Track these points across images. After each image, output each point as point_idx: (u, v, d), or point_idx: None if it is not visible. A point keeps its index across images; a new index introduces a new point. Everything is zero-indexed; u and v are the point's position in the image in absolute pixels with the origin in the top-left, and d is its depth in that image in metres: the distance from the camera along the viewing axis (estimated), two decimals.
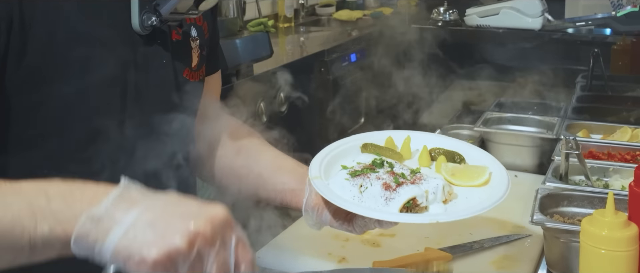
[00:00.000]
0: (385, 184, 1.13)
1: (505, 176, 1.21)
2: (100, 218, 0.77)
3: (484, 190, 1.20)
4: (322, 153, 1.26)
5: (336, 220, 1.19)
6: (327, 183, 1.17)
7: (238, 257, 0.80)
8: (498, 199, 1.14)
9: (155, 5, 1.08)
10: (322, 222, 1.21)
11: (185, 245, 0.75)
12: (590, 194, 1.51)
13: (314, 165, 1.21)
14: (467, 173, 1.24)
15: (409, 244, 1.48)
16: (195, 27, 1.20)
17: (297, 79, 3.22)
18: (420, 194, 1.12)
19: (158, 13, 1.08)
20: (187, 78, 1.19)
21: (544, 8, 2.67)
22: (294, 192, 1.25)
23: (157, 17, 1.08)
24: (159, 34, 1.11)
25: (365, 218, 1.15)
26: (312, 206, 1.21)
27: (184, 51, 1.18)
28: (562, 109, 2.25)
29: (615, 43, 2.85)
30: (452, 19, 2.85)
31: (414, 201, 1.11)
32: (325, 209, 1.19)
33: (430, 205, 1.13)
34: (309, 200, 1.21)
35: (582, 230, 1.20)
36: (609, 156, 1.83)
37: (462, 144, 1.33)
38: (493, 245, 1.51)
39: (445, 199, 1.15)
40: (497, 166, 1.25)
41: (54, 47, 0.99)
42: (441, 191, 1.14)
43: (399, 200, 1.10)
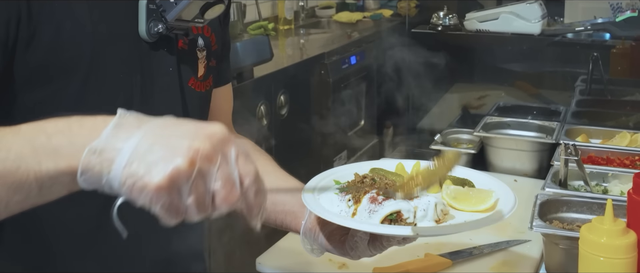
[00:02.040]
0: (372, 198, 1.08)
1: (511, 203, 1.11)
2: (102, 150, 0.76)
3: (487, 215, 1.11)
4: (325, 173, 1.22)
5: (330, 242, 1.15)
6: (318, 198, 1.13)
7: (240, 171, 0.78)
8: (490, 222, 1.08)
9: (162, 11, 1.08)
10: (319, 246, 1.18)
11: (186, 163, 0.74)
12: (589, 200, 1.52)
13: (312, 182, 1.18)
14: (470, 197, 1.16)
15: (409, 250, 1.48)
16: (203, 38, 1.20)
17: (297, 82, 3.23)
18: (408, 209, 1.06)
19: (165, 20, 1.08)
20: (192, 87, 1.18)
21: (543, 13, 2.67)
22: (294, 214, 1.21)
23: (163, 24, 1.08)
24: (165, 42, 1.11)
25: (356, 238, 1.11)
26: (310, 228, 1.17)
27: (190, 60, 1.18)
28: (561, 113, 2.25)
29: (615, 47, 2.86)
30: (452, 24, 2.86)
31: (399, 215, 1.05)
32: (320, 232, 1.16)
33: (418, 223, 1.06)
34: (307, 222, 1.18)
35: (581, 238, 1.20)
36: (608, 161, 1.83)
37: (474, 173, 1.25)
38: (493, 251, 1.51)
39: (438, 219, 1.08)
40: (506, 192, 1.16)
41: (60, 47, 0.99)
42: (433, 209, 1.07)
43: (381, 212, 1.06)
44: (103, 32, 1.03)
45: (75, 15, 1.01)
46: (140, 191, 0.74)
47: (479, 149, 2.06)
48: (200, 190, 0.75)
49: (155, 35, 1.08)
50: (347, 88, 3.54)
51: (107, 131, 0.77)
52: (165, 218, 0.75)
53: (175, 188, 0.74)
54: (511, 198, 1.14)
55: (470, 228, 1.08)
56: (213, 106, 1.28)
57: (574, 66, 2.79)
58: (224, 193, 0.76)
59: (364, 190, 1.10)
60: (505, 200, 1.14)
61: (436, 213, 1.08)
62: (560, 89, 2.67)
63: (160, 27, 1.08)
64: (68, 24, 1.00)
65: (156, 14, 1.08)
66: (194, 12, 1.10)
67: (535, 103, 2.42)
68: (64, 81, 1.01)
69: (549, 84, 2.74)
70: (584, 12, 3.45)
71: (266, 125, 2.94)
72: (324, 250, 1.19)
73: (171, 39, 1.12)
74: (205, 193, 0.75)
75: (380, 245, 1.12)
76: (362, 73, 3.71)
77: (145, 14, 1.07)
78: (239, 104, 2.80)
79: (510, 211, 1.09)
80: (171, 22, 1.08)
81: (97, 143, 0.76)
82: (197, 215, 0.76)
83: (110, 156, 0.75)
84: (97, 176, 0.76)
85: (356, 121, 3.75)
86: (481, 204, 1.15)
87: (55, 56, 1.00)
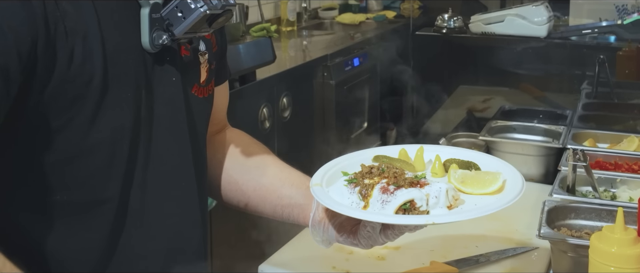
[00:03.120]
0: (383, 188, 1.08)
1: (520, 183, 1.12)
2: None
3: (497, 198, 1.11)
4: (330, 164, 1.21)
5: (341, 233, 1.15)
6: (327, 191, 1.12)
7: None
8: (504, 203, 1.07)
9: (168, 25, 1.04)
10: (328, 238, 1.17)
11: None
12: (598, 207, 1.49)
13: (318, 174, 1.16)
14: (478, 180, 1.15)
15: (414, 257, 1.46)
16: (204, 41, 1.16)
17: (299, 84, 3.21)
18: (420, 197, 1.06)
19: (171, 33, 1.04)
20: (195, 94, 1.15)
21: (549, 15, 2.64)
22: (301, 207, 1.21)
23: (168, 36, 1.03)
24: (168, 52, 1.07)
25: (368, 228, 1.11)
26: (319, 220, 1.17)
27: (193, 67, 1.14)
28: (567, 116, 2.23)
29: (621, 49, 2.83)
30: (457, 26, 2.83)
31: (412, 204, 1.06)
32: (330, 223, 1.15)
33: (431, 210, 1.07)
34: (315, 214, 1.17)
35: (592, 247, 1.18)
36: (616, 166, 1.80)
37: (478, 155, 1.25)
38: (499, 259, 1.49)
39: (449, 204, 1.08)
40: (513, 173, 1.16)
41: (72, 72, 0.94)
42: (444, 195, 1.07)
43: (395, 203, 1.05)
44: (111, 49, 0.98)
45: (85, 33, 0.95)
46: None
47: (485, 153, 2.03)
48: None
49: (158, 46, 1.03)
50: (350, 90, 3.52)
51: None
52: None
53: None
54: (518, 178, 1.14)
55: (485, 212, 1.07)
56: None
57: (579, 69, 2.76)
58: None
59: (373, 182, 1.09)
60: (513, 180, 1.14)
61: (448, 199, 1.08)
62: (566, 92, 2.64)
63: (164, 39, 1.03)
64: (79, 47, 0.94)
65: (160, 23, 1.03)
66: (201, 25, 1.06)
67: (540, 106, 2.39)
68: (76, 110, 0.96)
69: (554, 87, 2.72)
70: (588, 13, 3.43)
71: (268, 128, 2.93)
72: (334, 241, 1.18)
73: (174, 48, 1.08)
74: None
75: (392, 234, 1.11)
76: (365, 75, 3.70)
77: (148, 24, 1.02)
78: (241, 107, 2.81)
79: (520, 192, 1.09)
80: (179, 35, 1.04)
81: None
82: None
83: None
84: None
85: (359, 123, 3.73)
86: (490, 186, 1.14)
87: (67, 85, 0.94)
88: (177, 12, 1.03)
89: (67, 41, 0.93)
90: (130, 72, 1.02)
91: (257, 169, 1.27)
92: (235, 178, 1.28)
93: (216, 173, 1.29)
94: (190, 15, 1.02)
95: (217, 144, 1.30)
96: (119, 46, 1.00)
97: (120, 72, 1.00)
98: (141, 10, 1.02)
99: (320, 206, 1.15)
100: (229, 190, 1.29)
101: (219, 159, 1.29)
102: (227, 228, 2.53)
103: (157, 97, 1.07)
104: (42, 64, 0.91)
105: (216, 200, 1.33)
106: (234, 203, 1.30)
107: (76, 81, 0.94)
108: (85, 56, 0.95)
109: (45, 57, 0.91)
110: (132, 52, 1.02)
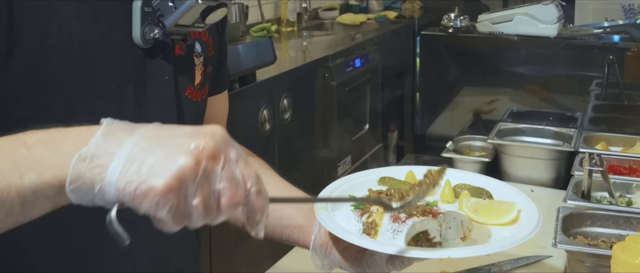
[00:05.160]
0: (394, 216, 1.02)
1: (536, 215, 1.07)
2: (92, 156, 0.70)
3: (510, 229, 1.06)
4: (334, 184, 1.15)
5: (345, 259, 1.08)
6: (333, 215, 1.06)
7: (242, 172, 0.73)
8: (522, 238, 1.02)
9: (159, 16, 1.00)
10: (330, 262, 1.10)
11: (192, 162, 0.69)
12: (615, 213, 1.43)
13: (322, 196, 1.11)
14: (492, 210, 1.10)
15: (424, 267, 1.39)
16: (200, 43, 1.12)
17: (300, 85, 3.16)
18: (434, 228, 1.00)
19: (162, 25, 0.99)
20: (189, 97, 1.10)
21: (559, 14, 2.58)
22: (302, 228, 1.14)
23: (160, 30, 1.00)
24: (161, 48, 1.03)
25: (375, 256, 1.04)
26: (321, 244, 1.10)
27: (187, 67, 1.10)
28: (578, 119, 2.17)
29: (629, 49, 2.76)
30: (464, 26, 2.76)
31: (425, 235, 1.00)
32: (333, 247, 1.08)
33: (444, 242, 1.01)
34: (317, 237, 1.10)
35: (614, 257, 1.12)
36: (630, 170, 1.74)
37: (489, 181, 1.20)
38: (513, 268, 1.43)
39: (463, 236, 1.03)
40: (527, 202, 1.12)
41: (45, 56, 0.91)
42: (459, 226, 1.02)
43: (408, 233, 1.00)
44: (93, 38, 0.95)
45: (62, 19, 0.92)
46: (144, 196, 0.68)
47: (493, 157, 1.97)
48: (205, 191, 0.70)
49: (150, 41, 0.99)
50: (351, 92, 3.47)
51: (96, 138, 0.71)
52: (169, 224, 0.70)
53: (182, 189, 0.68)
54: (534, 209, 1.09)
55: (502, 248, 1.02)
56: (208, 114, 1.20)
57: (587, 70, 2.70)
58: (230, 193, 0.71)
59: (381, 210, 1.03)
60: (528, 210, 1.09)
61: (462, 230, 1.03)
62: (574, 94, 2.58)
63: (156, 33, 0.99)
64: (54, 29, 0.91)
65: (152, 17, 0.99)
66: (194, 17, 1.01)
67: (549, 108, 2.33)
68: (50, 95, 0.93)
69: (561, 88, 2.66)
70: (594, 13, 3.38)
71: (269, 130, 2.88)
72: (335, 266, 1.11)
73: (167, 44, 1.04)
74: (210, 193, 0.71)
75: (400, 263, 1.05)
76: (367, 76, 3.65)
77: (140, 17, 0.98)
78: (241, 108, 2.76)
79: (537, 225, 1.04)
80: (169, 27, 1.00)
81: (86, 149, 0.70)
82: (202, 218, 0.71)
83: (102, 162, 0.69)
84: (88, 185, 0.70)
85: (360, 125, 3.69)
86: (504, 216, 1.10)
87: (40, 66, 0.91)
88: (169, 2, 1.00)
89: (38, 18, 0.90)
90: (116, 64, 0.98)
91: None
92: None
93: None
94: (181, 5, 0.99)
95: None
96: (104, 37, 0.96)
97: (103, 62, 0.96)
98: (133, 3, 0.99)
99: (322, 229, 1.09)
100: None
101: None
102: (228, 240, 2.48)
103: (146, 95, 1.03)
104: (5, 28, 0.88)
105: None
106: (232, 221, 1.24)
107: (51, 63, 0.91)
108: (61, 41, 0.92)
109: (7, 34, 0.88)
110: (119, 44, 0.99)
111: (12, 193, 0.70)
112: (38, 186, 0.70)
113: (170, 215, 0.69)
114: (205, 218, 0.71)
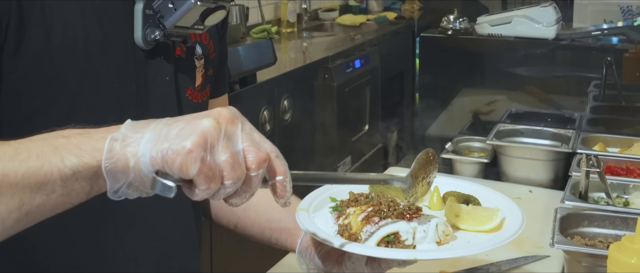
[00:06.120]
0: (366, 217, 1.02)
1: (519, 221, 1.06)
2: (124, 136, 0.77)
3: (491, 236, 1.05)
4: (322, 188, 1.16)
5: (326, 264, 1.09)
6: (313, 217, 1.07)
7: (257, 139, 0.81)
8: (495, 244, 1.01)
9: (160, 18, 1.01)
10: (315, 266, 1.12)
11: (214, 122, 0.76)
12: (613, 214, 1.45)
13: (307, 199, 1.12)
14: (474, 217, 1.09)
15: (423, 267, 1.41)
16: (201, 46, 1.14)
17: (300, 87, 3.17)
18: (406, 230, 1.00)
19: (162, 27, 1.01)
20: (190, 98, 1.12)
21: (558, 16, 2.59)
22: (289, 232, 1.17)
23: (161, 31, 1.02)
24: (161, 49, 1.05)
25: (352, 259, 1.05)
26: (305, 247, 1.12)
27: (188, 69, 1.12)
28: (576, 120, 2.18)
29: (627, 50, 2.78)
30: (463, 27, 2.78)
31: (396, 237, 1.00)
32: (315, 252, 1.10)
33: (418, 244, 1.01)
34: (303, 241, 1.12)
35: (610, 258, 1.13)
36: (627, 171, 1.76)
37: (479, 188, 1.20)
38: (511, 268, 1.44)
39: (439, 240, 1.02)
40: (513, 210, 1.11)
41: (50, 54, 0.94)
42: (434, 230, 1.01)
43: (378, 234, 1.00)
44: (96, 39, 0.97)
45: (67, 19, 0.95)
46: (176, 155, 0.74)
47: (492, 158, 1.98)
48: (231, 148, 0.76)
49: (151, 42, 1.02)
50: (351, 92, 3.48)
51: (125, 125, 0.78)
52: (202, 185, 0.76)
53: (208, 145, 0.75)
54: (518, 216, 1.09)
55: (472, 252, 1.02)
56: None
57: (585, 71, 2.72)
58: (254, 151, 0.78)
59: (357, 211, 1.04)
60: (513, 218, 1.09)
61: (437, 234, 1.02)
62: (572, 95, 2.59)
63: (157, 34, 1.01)
64: (59, 29, 0.94)
65: (153, 19, 1.01)
66: (193, 18, 1.03)
67: (547, 109, 2.34)
68: (53, 92, 0.95)
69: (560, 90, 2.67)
70: (593, 15, 3.39)
71: (269, 130, 2.89)
72: (320, 270, 1.12)
73: (168, 46, 1.06)
74: (236, 151, 0.77)
75: (378, 267, 1.06)
76: (366, 77, 3.66)
77: (142, 19, 1.00)
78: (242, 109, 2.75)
79: (517, 232, 1.04)
80: (169, 28, 1.02)
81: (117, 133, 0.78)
82: (233, 174, 0.76)
83: (134, 140, 0.77)
84: (123, 161, 0.76)
85: (360, 126, 3.70)
86: (486, 223, 1.09)
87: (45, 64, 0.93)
88: (168, 4, 1.02)
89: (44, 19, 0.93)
90: (118, 64, 1.00)
91: None
92: None
93: None
94: (181, 6, 1.02)
95: None
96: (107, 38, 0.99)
97: (105, 62, 0.99)
98: (135, 5, 1.01)
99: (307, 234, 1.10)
100: (219, 209, 1.27)
101: None
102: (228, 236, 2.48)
103: (147, 96, 1.05)
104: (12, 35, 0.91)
105: (207, 218, 1.29)
106: (224, 223, 1.27)
107: (53, 63, 0.94)
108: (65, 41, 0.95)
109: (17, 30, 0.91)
110: (122, 45, 1.01)
111: (55, 175, 0.76)
112: (78, 168, 0.76)
113: (202, 176, 0.75)
114: (236, 177, 0.77)
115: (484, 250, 1.01)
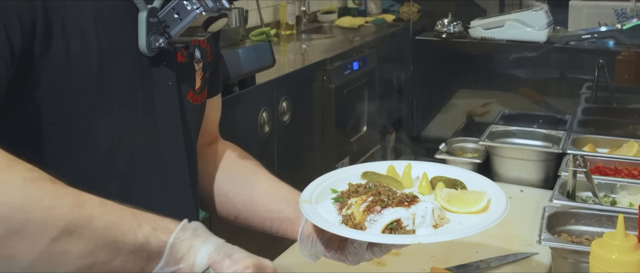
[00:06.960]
0: (369, 206, 1.09)
1: (504, 203, 1.13)
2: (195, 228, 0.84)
3: (481, 217, 1.13)
4: (319, 179, 1.22)
5: (328, 249, 1.15)
6: (316, 208, 1.13)
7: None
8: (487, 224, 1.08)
9: (165, 27, 1.05)
10: (316, 252, 1.18)
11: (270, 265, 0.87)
12: (598, 212, 1.49)
13: (307, 190, 1.18)
14: (463, 200, 1.17)
15: (414, 263, 1.46)
16: (199, 49, 1.18)
17: (299, 88, 3.21)
18: (407, 217, 1.07)
19: (167, 35, 1.05)
20: (191, 101, 1.16)
21: (549, 20, 2.64)
22: (290, 221, 1.22)
23: (165, 39, 1.05)
24: (164, 56, 1.09)
25: (355, 245, 1.12)
26: (307, 235, 1.17)
27: (188, 73, 1.16)
28: (567, 121, 2.23)
29: (620, 53, 2.83)
30: (457, 31, 2.83)
31: (398, 223, 1.07)
32: (318, 238, 1.16)
33: (417, 229, 1.08)
34: (304, 229, 1.18)
35: (592, 253, 1.18)
36: (615, 171, 1.81)
37: (464, 173, 1.27)
38: (500, 264, 1.49)
39: (435, 224, 1.10)
40: (498, 193, 1.18)
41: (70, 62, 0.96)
42: (430, 215, 1.09)
43: (381, 222, 1.07)
44: (107, 48, 1.00)
45: (82, 30, 0.97)
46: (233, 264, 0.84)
47: (485, 158, 2.03)
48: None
49: (155, 49, 1.05)
50: (349, 94, 3.52)
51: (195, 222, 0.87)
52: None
53: None
54: (502, 198, 1.16)
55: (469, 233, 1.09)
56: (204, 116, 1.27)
57: (578, 73, 2.77)
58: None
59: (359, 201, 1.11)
60: (497, 199, 1.16)
61: (433, 219, 1.10)
62: (565, 97, 2.64)
63: (161, 42, 1.05)
64: (77, 41, 0.96)
65: (156, 27, 1.05)
66: (197, 27, 1.08)
67: (540, 111, 2.39)
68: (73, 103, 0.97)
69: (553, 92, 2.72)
70: (587, 17, 3.43)
71: (268, 132, 2.92)
72: (321, 255, 1.19)
73: (170, 52, 1.10)
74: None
75: (379, 251, 1.14)
76: (365, 79, 3.70)
77: (146, 28, 1.04)
78: (241, 111, 2.81)
79: (504, 212, 1.11)
80: (174, 37, 1.06)
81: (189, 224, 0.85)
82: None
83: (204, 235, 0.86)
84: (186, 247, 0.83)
85: (358, 127, 3.73)
86: (474, 205, 1.16)
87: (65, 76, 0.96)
88: (174, 14, 1.05)
89: (64, 31, 0.95)
90: (126, 72, 1.03)
91: (247, 182, 1.28)
92: (226, 190, 1.29)
93: (207, 185, 1.29)
94: (186, 17, 1.05)
95: (208, 156, 1.31)
96: (115, 47, 1.01)
97: (117, 71, 1.02)
98: (139, 14, 1.04)
99: (308, 221, 1.15)
100: (219, 202, 1.30)
101: (210, 171, 1.30)
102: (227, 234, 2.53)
103: (153, 100, 1.08)
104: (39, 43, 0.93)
105: (207, 212, 1.34)
106: (225, 215, 1.31)
107: (72, 74, 0.96)
108: (82, 52, 0.97)
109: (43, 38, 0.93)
110: (129, 53, 1.04)
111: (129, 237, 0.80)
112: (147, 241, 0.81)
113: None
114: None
115: (481, 230, 1.08)
